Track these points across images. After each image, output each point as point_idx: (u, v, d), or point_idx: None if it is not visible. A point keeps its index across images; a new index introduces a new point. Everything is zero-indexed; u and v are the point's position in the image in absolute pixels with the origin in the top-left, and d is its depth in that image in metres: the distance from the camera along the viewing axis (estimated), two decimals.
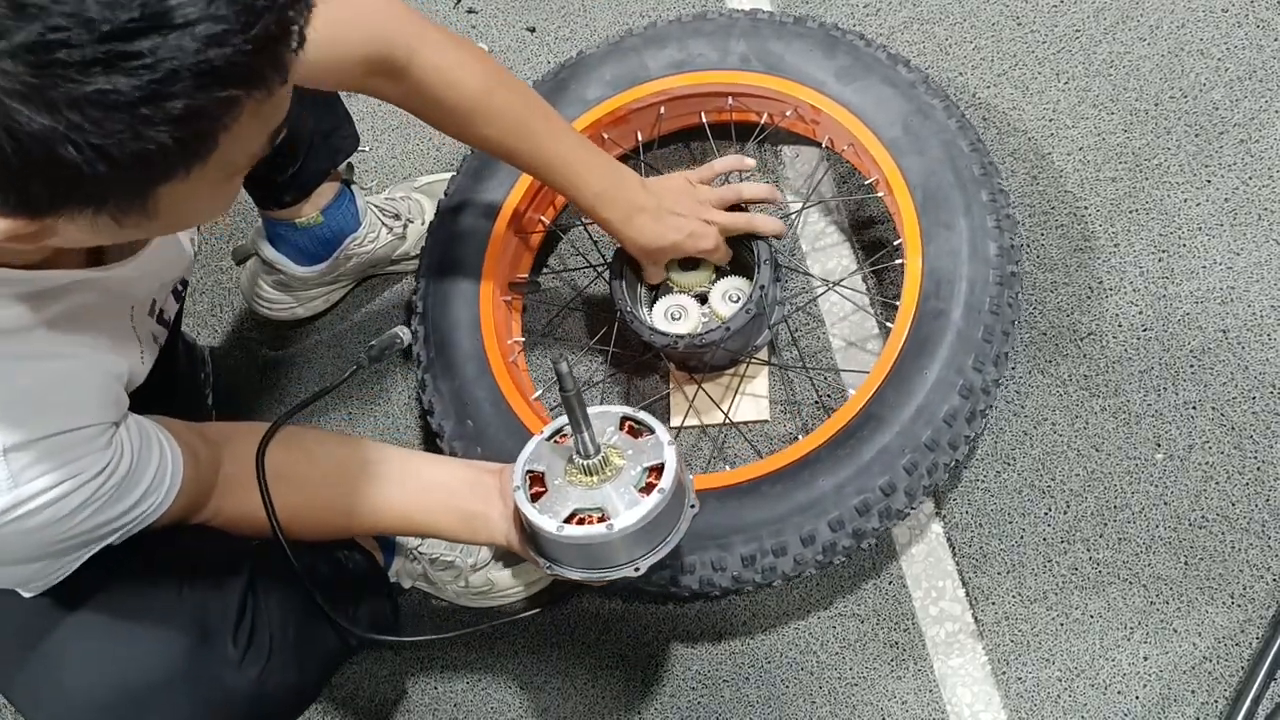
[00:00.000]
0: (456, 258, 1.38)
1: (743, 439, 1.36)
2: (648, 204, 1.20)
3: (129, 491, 0.84)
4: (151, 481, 0.86)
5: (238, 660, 0.94)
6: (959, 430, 1.14)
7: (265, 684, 0.96)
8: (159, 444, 0.88)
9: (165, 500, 0.88)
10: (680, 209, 1.22)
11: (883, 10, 1.49)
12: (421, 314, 1.37)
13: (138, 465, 0.84)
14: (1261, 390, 1.22)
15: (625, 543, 0.96)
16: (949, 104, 1.27)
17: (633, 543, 0.97)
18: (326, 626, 1.09)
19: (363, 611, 1.17)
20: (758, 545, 1.15)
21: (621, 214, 1.20)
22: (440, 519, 1.08)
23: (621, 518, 0.95)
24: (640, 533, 0.96)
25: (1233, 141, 1.31)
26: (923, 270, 1.19)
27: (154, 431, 0.89)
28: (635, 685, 1.33)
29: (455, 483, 1.09)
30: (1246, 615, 1.16)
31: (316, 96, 1.32)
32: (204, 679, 0.92)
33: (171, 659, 0.90)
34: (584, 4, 1.66)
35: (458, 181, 1.43)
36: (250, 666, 0.95)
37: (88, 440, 0.79)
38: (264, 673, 0.96)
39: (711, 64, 1.36)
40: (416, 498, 1.08)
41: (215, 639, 0.93)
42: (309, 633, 1.06)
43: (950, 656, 1.24)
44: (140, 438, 0.86)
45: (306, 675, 1.04)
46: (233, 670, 0.94)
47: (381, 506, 1.06)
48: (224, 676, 0.93)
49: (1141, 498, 1.22)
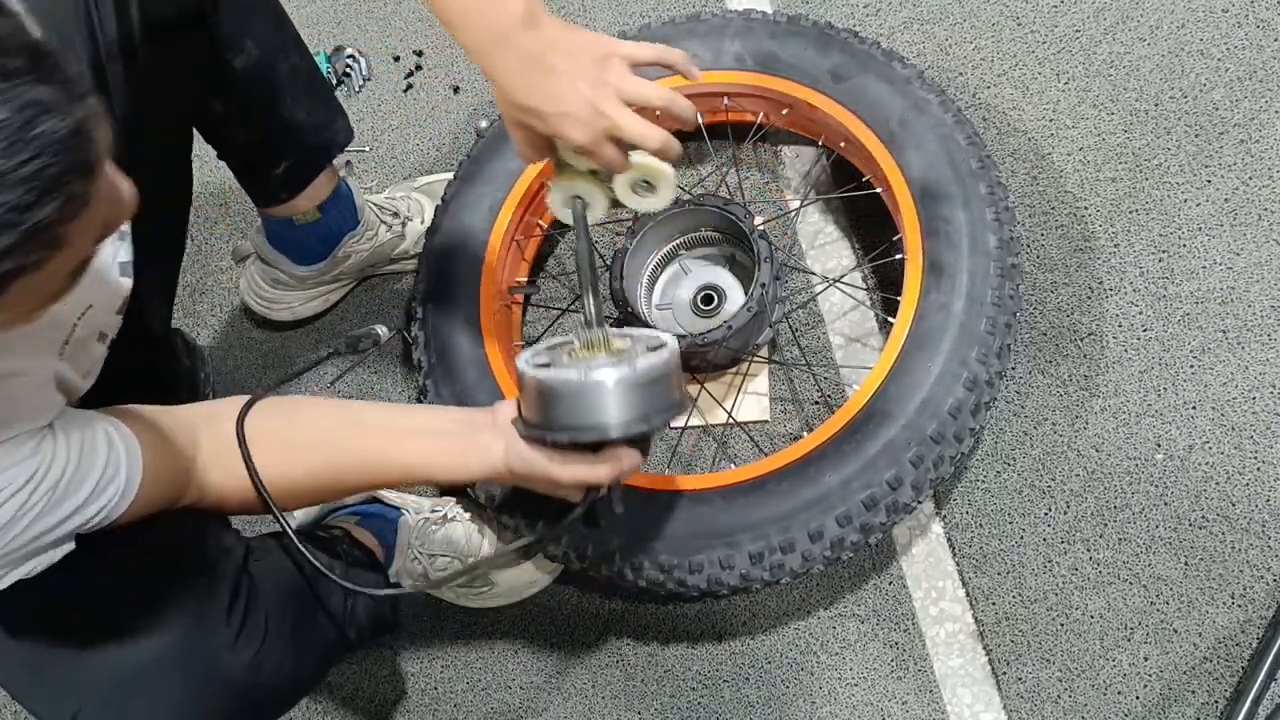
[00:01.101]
0: (455, 262, 1.38)
1: (746, 438, 1.36)
2: (525, 41, 0.93)
3: (70, 495, 0.81)
4: (99, 481, 0.83)
5: (231, 641, 0.94)
6: (964, 423, 1.14)
7: (260, 668, 0.96)
8: (106, 440, 0.85)
9: (123, 495, 0.86)
10: (567, 69, 0.93)
11: (882, 10, 1.49)
12: (421, 319, 1.37)
13: (78, 467, 0.82)
14: (1261, 390, 1.22)
15: (618, 393, 0.92)
16: (945, 99, 1.27)
17: (626, 397, 0.92)
18: (325, 618, 1.09)
19: (361, 607, 1.16)
20: (765, 543, 1.15)
21: (483, 37, 0.93)
22: (433, 459, 1.03)
23: (620, 367, 0.93)
24: (635, 387, 0.92)
25: (1233, 141, 1.31)
26: (923, 264, 1.19)
27: (101, 427, 0.86)
28: (635, 685, 1.33)
29: (444, 422, 1.05)
30: (1246, 615, 1.16)
31: (309, 90, 1.32)
32: (197, 660, 0.91)
33: (165, 640, 0.90)
34: (584, 4, 1.66)
35: (455, 185, 1.43)
36: (244, 649, 0.95)
37: (7, 453, 0.77)
38: (258, 656, 0.96)
39: (706, 64, 1.36)
40: (406, 442, 1.03)
41: (209, 620, 0.93)
42: (306, 622, 1.06)
43: (950, 657, 1.24)
44: (82, 438, 0.83)
45: (302, 665, 1.03)
46: (227, 652, 0.93)
47: (371, 459, 1.03)
48: (218, 657, 0.93)
49: (1141, 498, 1.22)
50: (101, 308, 0.93)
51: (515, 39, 0.92)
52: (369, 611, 1.17)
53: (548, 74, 0.92)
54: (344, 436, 1.03)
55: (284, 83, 1.28)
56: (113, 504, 0.85)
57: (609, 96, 0.93)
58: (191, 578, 0.94)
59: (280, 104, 1.29)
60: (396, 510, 1.34)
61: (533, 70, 0.93)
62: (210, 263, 1.69)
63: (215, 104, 1.25)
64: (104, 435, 0.85)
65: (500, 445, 1.00)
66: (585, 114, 0.93)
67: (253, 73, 1.24)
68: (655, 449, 1.39)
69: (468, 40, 0.94)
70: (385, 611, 1.21)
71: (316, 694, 1.45)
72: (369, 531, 1.30)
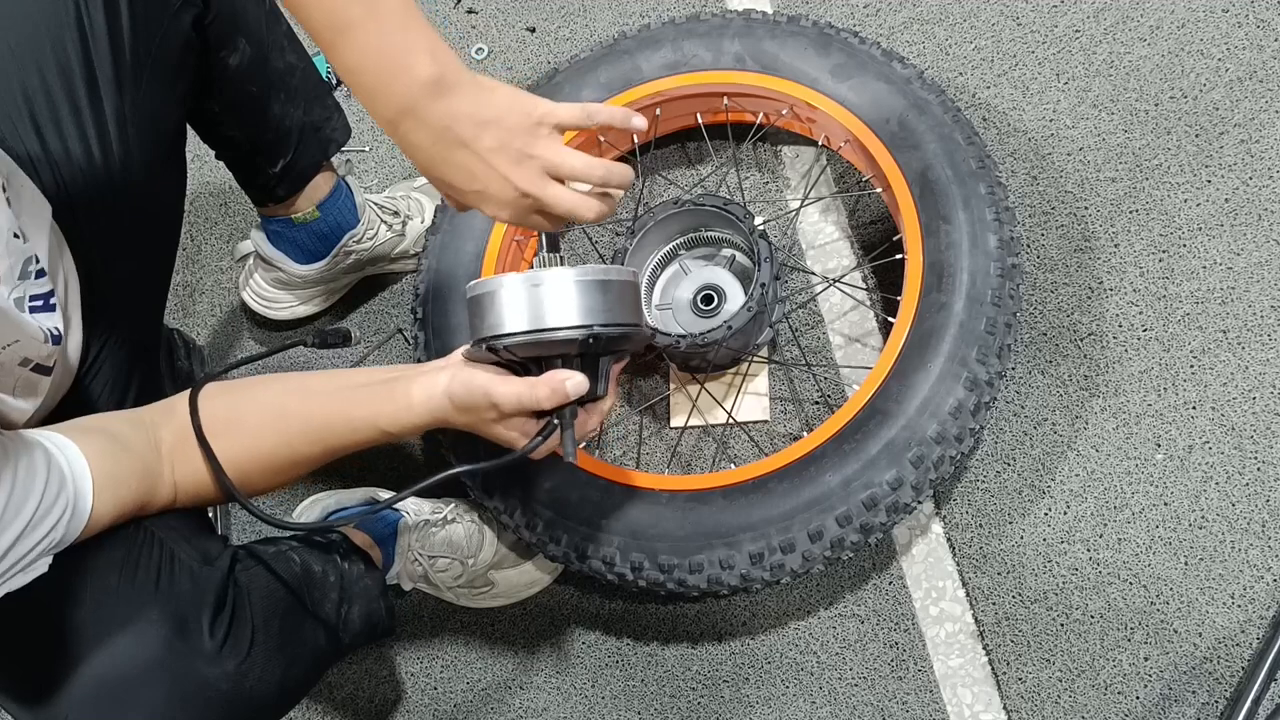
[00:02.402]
0: (456, 262, 1.38)
1: (746, 438, 1.36)
2: (433, 113, 0.85)
3: (8, 524, 0.77)
4: (39, 507, 0.80)
5: (215, 651, 0.93)
6: (964, 423, 1.14)
7: (245, 677, 0.95)
8: (45, 460, 0.82)
9: (75, 511, 0.84)
10: (483, 144, 0.86)
11: (882, 10, 1.49)
12: (421, 319, 1.37)
13: (12, 494, 0.78)
14: (1261, 390, 1.22)
15: (580, 292, 0.90)
16: (944, 98, 1.27)
17: (585, 295, 0.91)
18: (316, 623, 1.08)
19: (356, 612, 1.15)
20: (765, 543, 1.15)
21: (391, 109, 0.86)
22: (379, 406, 0.98)
23: (564, 268, 0.91)
24: (581, 286, 0.91)
25: (1233, 141, 1.31)
26: (923, 264, 1.19)
27: (40, 448, 0.83)
28: (635, 685, 1.33)
29: (389, 372, 1.02)
30: (1246, 615, 1.16)
31: (305, 88, 1.31)
32: (180, 670, 0.90)
33: (147, 651, 0.89)
34: (584, 4, 1.66)
35: None
36: (228, 659, 0.93)
37: None
38: (243, 665, 0.95)
39: (706, 64, 1.36)
40: (350, 395, 1.00)
41: (191, 630, 0.92)
42: (296, 629, 1.05)
43: (950, 657, 1.24)
44: (16, 464, 0.79)
45: (291, 672, 1.02)
46: (209, 662, 0.92)
47: (320, 423, 1.00)
48: (202, 668, 0.92)
49: (1141, 498, 1.22)
50: (26, 342, 0.91)
51: (423, 111, 0.85)
52: (364, 616, 1.16)
53: (460, 149, 0.86)
54: (293, 406, 1.00)
55: (279, 80, 1.28)
56: (63, 521, 0.83)
57: (532, 173, 0.88)
58: (178, 586, 0.93)
59: (275, 102, 1.29)
60: (396, 513, 1.34)
61: (444, 145, 0.86)
62: (209, 263, 1.69)
63: (210, 103, 1.24)
64: (42, 456, 0.82)
65: (444, 376, 0.96)
66: (505, 194, 0.88)
67: (246, 70, 1.23)
68: (655, 449, 1.39)
69: (377, 114, 0.87)
70: (381, 616, 1.20)
71: (316, 694, 1.45)
72: (367, 535, 1.30)
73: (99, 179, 1.07)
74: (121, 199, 1.09)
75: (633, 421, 1.42)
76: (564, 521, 1.22)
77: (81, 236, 1.07)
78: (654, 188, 1.50)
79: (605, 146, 1.44)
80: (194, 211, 1.71)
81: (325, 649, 1.10)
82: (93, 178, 1.07)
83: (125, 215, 1.10)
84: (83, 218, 1.06)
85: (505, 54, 1.67)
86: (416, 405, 0.96)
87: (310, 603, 1.08)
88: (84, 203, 1.06)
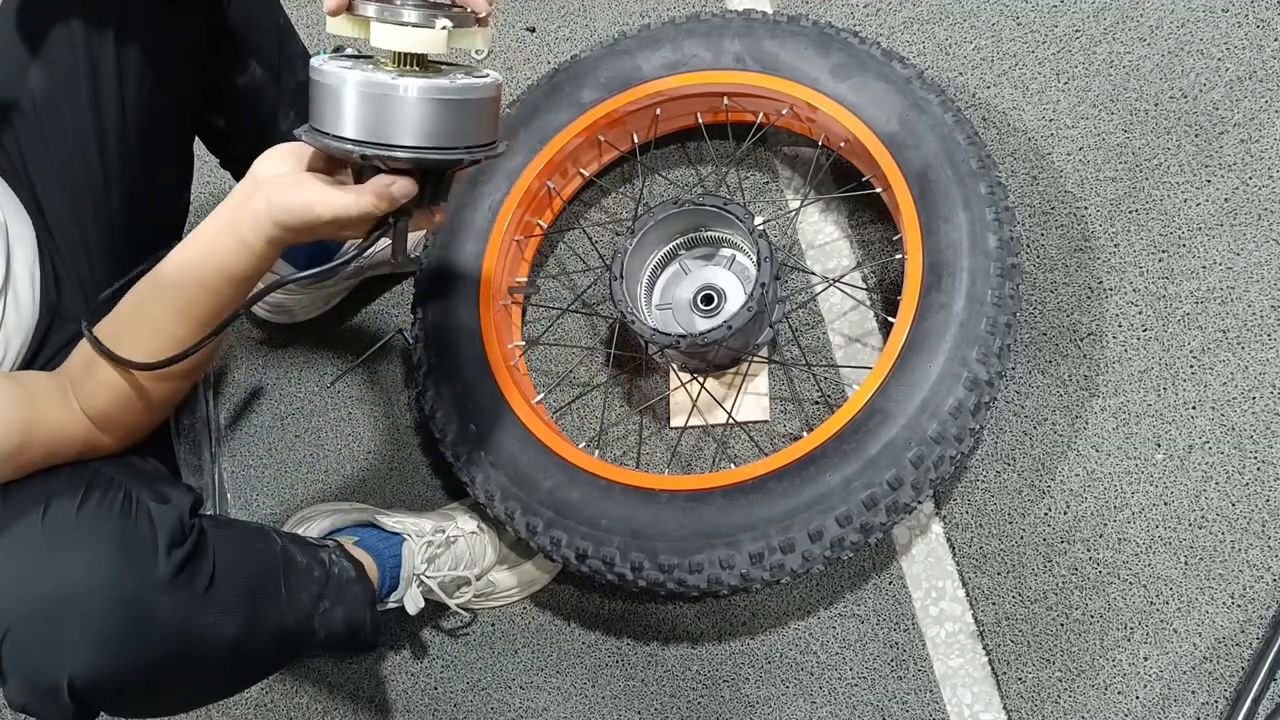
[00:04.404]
0: (455, 262, 1.38)
1: (746, 438, 1.36)
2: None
3: None
4: None
5: (167, 578, 0.91)
6: (964, 423, 1.14)
7: (194, 617, 0.93)
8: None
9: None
10: None
11: (882, 10, 1.49)
12: (422, 319, 1.37)
13: None
14: (1261, 390, 1.22)
15: (420, 110, 0.86)
16: (944, 98, 1.27)
17: (425, 114, 0.86)
18: (287, 605, 1.06)
19: (339, 614, 1.13)
20: (765, 543, 1.15)
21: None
22: (222, 260, 0.95)
23: (432, 84, 0.86)
24: (440, 105, 0.87)
25: (1233, 141, 1.30)
26: (923, 264, 1.19)
27: None
28: (635, 685, 1.33)
29: (210, 223, 0.97)
30: (1246, 615, 1.16)
31: (301, 96, 1.32)
32: (128, 592, 0.89)
33: (95, 570, 0.88)
34: (584, 4, 1.66)
35: (456, 185, 1.43)
36: (180, 590, 0.92)
37: None
38: (197, 603, 0.93)
39: (706, 64, 1.36)
40: (192, 263, 0.97)
41: (144, 554, 0.91)
42: (260, 597, 1.02)
43: (950, 657, 1.24)
44: None
45: (245, 638, 0.99)
46: (160, 589, 0.90)
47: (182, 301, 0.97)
48: (149, 594, 0.90)
49: (1141, 498, 1.22)
50: None
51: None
52: (346, 620, 1.15)
53: None
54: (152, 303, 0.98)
55: (286, 100, 1.29)
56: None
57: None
58: (129, 518, 0.92)
59: (282, 120, 1.29)
60: (397, 537, 1.32)
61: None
62: None
63: (216, 119, 1.25)
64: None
65: (262, 203, 0.92)
66: None
67: (255, 90, 1.24)
68: (655, 449, 1.39)
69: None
70: (364, 625, 1.18)
71: (316, 694, 1.45)
72: (368, 554, 1.28)
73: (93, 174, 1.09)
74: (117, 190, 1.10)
75: (633, 421, 1.42)
76: (564, 521, 1.22)
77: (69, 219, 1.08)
78: (654, 188, 1.50)
79: (605, 146, 1.44)
80: (195, 214, 1.71)
81: (291, 632, 1.07)
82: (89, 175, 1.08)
83: (119, 207, 1.12)
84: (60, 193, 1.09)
85: (505, 54, 1.67)
86: (253, 242, 0.94)
87: (285, 585, 1.06)
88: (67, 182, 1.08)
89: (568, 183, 1.47)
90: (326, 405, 1.57)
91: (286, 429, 1.58)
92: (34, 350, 1.09)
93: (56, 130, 1.09)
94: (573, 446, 1.26)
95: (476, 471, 1.28)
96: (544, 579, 1.39)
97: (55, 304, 1.11)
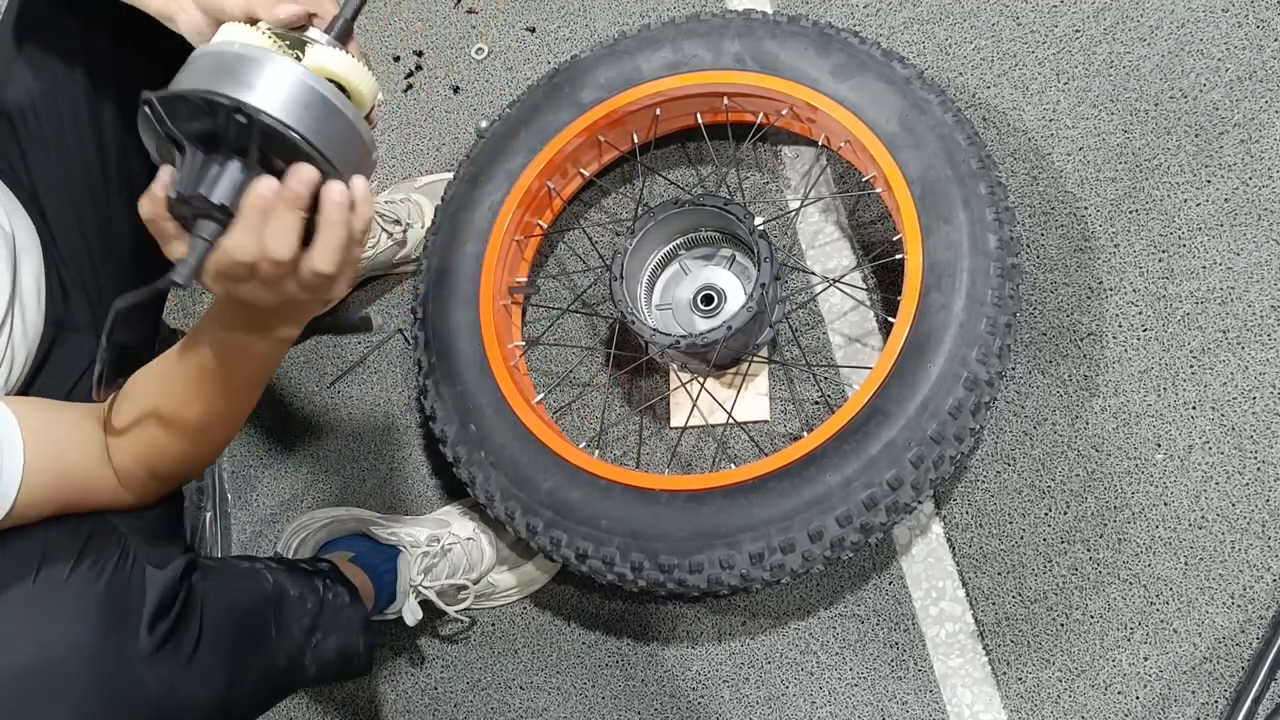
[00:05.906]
0: (456, 262, 1.38)
1: (746, 438, 1.36)
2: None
3: None
4: None
5: (150, 651, 0.90)
6: (964, 423, 1.14)
7: (178, 687, 0.92)
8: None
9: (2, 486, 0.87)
10: None
11: (882, 10, 1.49)
12: (422, 319, 1.37)
13: None
14: (1261, 390, 1.22)
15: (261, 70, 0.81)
16: (945, 98, 1.27)
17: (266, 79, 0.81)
18: (275, 645, 1.05)
19: (331, 643, 1.13)
20: (765, 543, 1.15)
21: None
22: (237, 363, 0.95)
23: None
24: None
25: (1233, 141, 1.31)
26: (923, 264, 1.19)
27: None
28: (635, 685, 1.33)
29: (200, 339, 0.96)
30: (1246, 615, 1.16)
31: None
32: (109, 666, 0.88)
33: (76, 641, 0.87)
34: (584, 4, 1.66)
35: (455, 185, 1.43)
36: (163, 662, 0.91)
37: None
38: (179, 673, 0.92)
39: (706, 65, 1.36)
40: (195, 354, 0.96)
41: (128, 626, 0.90)
42: (251, 644, 1.02)
43: (950, 657, 1.24)
44: None
45: (236, 689, 0.99)
46: (141, 662, 0.89)
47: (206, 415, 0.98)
48: (132, 667, 0.89)
49: (1141, 498, 1.22)
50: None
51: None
52: (339, 648, 1.14)
53: None
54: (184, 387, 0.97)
55: None
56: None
57: None
58: (117, 584, 0.91)
59: None
60: (392, 549, 1.31)
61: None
62: None
63: None
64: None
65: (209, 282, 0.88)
66: None
67: None
68: (654, 449, 1.39)
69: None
70: (357, 651, 1.17)
71: (316, 694, 1.45)
72: (363, 571, 1.27)
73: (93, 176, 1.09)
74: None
75: (633, 421, 1.42)
76: (564, 522, 1.22)
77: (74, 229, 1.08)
78: (654, 188, 1.50)
79: (605, 146, 1.44)
80: None
81: (282, 672, 1.07)
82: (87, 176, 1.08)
83: (120, 209, 1.11)
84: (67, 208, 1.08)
85: (505, 54, 1.67)
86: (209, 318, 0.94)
87: (276, 625, 1.05)
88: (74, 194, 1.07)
89: (568, 183, 1.47)
90: (326, 405, 1.57)
91: (286, 429, 1.58)
92: (39, 362, 1.08)
93: (56, 136, 1.09)
94: (573, 447, 1.26)
95: (476, 472, 1.28)
96: (544, 579, 1.39)
97: (61, 316, 1.10)
